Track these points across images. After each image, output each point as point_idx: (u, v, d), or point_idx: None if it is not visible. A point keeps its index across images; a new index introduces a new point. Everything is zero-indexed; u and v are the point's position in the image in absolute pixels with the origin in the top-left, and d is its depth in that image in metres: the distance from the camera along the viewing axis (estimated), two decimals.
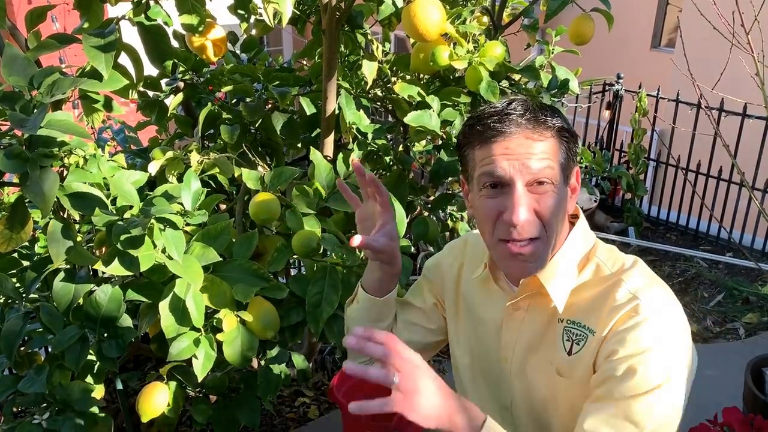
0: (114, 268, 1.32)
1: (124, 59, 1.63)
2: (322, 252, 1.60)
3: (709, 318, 3.51)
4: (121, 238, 1.28)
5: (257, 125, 2.02)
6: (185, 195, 1.45)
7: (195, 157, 1.68)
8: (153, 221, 1.33)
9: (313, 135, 2.07)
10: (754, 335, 3.34)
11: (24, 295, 1.52)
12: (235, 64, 2.20)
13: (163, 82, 2.01)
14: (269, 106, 2.02)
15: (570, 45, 1.94)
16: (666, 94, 4.37)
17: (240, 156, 1.86)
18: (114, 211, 1.40)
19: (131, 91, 1.67)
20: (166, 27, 1.67)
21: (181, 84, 2.01)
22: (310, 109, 2.01)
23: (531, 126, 0.92)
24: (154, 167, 1.67)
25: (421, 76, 2.06)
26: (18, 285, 1.57)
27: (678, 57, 2.56)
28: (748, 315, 3.51)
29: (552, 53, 2.07)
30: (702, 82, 2.22)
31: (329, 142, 1.90)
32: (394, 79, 2.13)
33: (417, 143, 2.22)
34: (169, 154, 1.69)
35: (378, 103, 2.20)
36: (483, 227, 0.98)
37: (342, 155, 1.70)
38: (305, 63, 2.47)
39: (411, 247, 1.92)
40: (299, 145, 2.13)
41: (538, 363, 1.01)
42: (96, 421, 1.53)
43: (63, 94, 1.29)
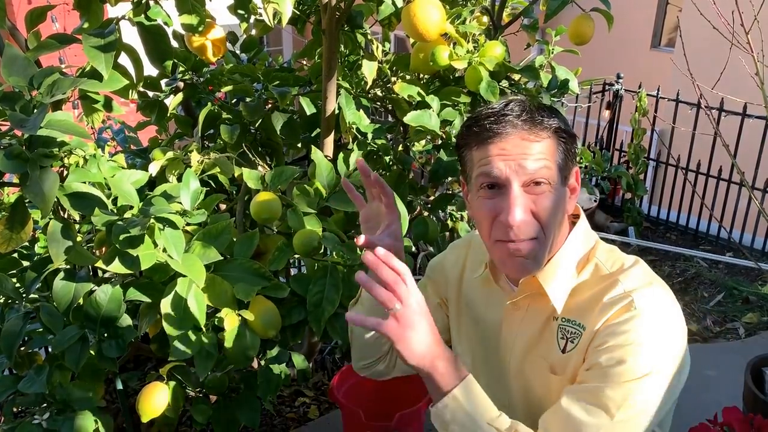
0: (115, 267, 1.33)
1: (124, 59, 1.63)
2: (323, 251, 1.60)
3: (709, 318, 3.51)
4: (121, 237, 1.28)
5: (257, 125, 2.02)
6: (184, 195, 1.45)
7: (195, 157, 1.68)
8: (153, 221, 1.33)
9: (313, 135, 2.07)
10: (754, 335, 3.34)
11: (24, 295, 1.52)
12: (235, 64, 2.20)
13: (163, 82, 2.01)
14: (269, 106, 2.02)
15: (570, 45, 1.94)
16: (666, 93, 4.37)
17: (240, 156, 1.86)
18: (114, 211, 1.40)
19: (131, 91, 1.67)
20: (165, 27, 1.67)
21: (181, 84, 2.01)
22: (310, 109, 2.01)
23: (527, 127, 0.92)
24: (154, 167, 1.67)
25: (421, 76, 2.06)
26: (18, 285, 1.57)
27: (678, 57, 2.56)
28: (748, 315, 3.51)
29: (552, 53, 2.07)
30: (702, 81, 2.22)
31: (329, 142, 1.90)
32: (393, 79, 2.13)
33: (417, 143, 2.22)
34: (170, 154, 1.69)
35: (378, 103, 2.20)
36: (481, 228, 0.99)
37: (342, 155, 1.70)
38: (305, 63, 2.47)
39: (412, 246, 1.92)
40: (299, 145, 2.13)
41: (535, 362, 1.02)
42: (96, 422, 1.53)
43: (63, 94, 1.30)
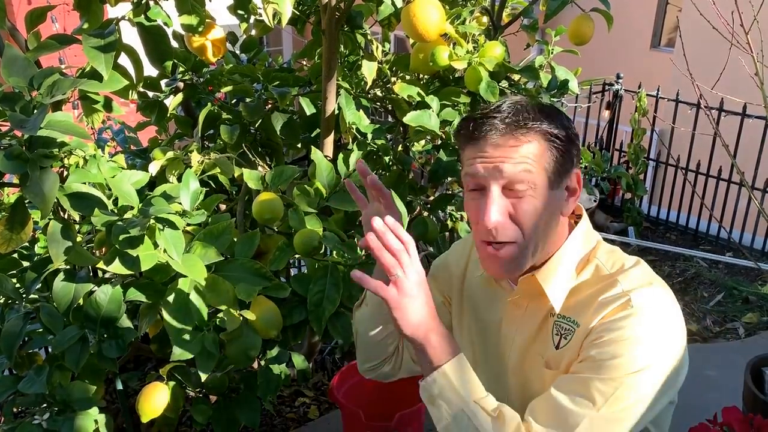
0: (116, 267, 1.32)
1: (123, 60, 1.63)
2: (323, 251, 1.61)
3: (709, 318, 3.51)
4: (121, 238, 1.28)
5: (257, 125, 2.02)
6: (184, 195, 1.44)
7: (195, 158, 1.68)
8: (153, 221, 1.33)
9: (313, 135, 2.07)
10: (753, 335, 3.34)
11: (24, 296, 1.52)
12: (235, 64, 2.20)
13: (163, 82, 2.01)
14: (269, 106, 2.02)
15: (569, 45, 1.94)
16: (666, 93, 4.37)
17: (240, 156, 1.86)
18: (114, 212, 1.40)
19: (131, 92, 1.67)
20: (165, 27, 1.67)
21: (181, 84, 2.01)
22: (309, 110, 2.01)
23: (509, 130, 0.92)
24: (154, 168, 1.67)
25: (421, 76, 2.06)
26: (18, 285, 1.57)
27: (677, 57, 2.56)
28: (747, 315, 3.51)
29: (551, 53, 2.07)
30: (701, 81, 2.22)
31: (329, 142, 1.90)
32: (393, 80, 2.13)
33: (416, 143, 2.22)
34: (170, 154, 1.69)
35: (378, 104, 2.20)
36: (471, 227, 1.02)
37: (342, 155, 1.70)
38: (305, 63, 2.47)
39: None
40: (299, 145, 2.13)
41: (533, 359, 1.03)
42: (96, 422, 1.53)
43: (63, 94, 1.30)
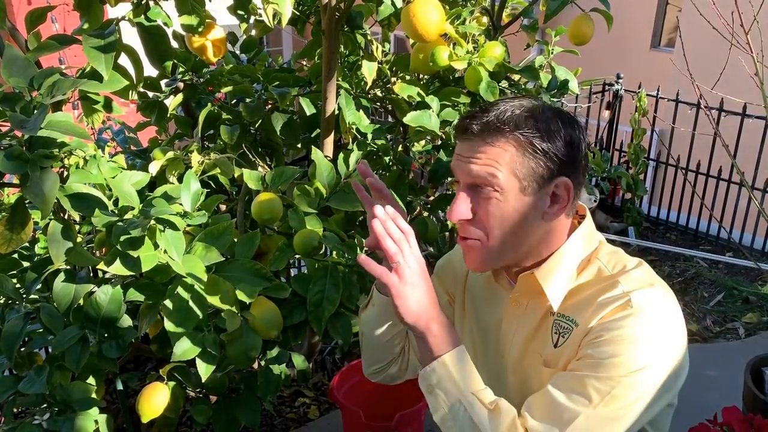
0: (116, 268, 1.32)
1: (124, 60, 1.63)
2: (323, 251, 1.61)
3: (709, 318, 3.51)
4: (121, 239, 1.28)
5: (257, 126, 2.02)
6: (185, 196, 1.44)
7: (195, 158, 1.68)
8: (153, 222, 1.33)
9: (313, 135, 2.07)
10: (754, 335, 3.34)
11: (24, 296, 1.52)
12: (235, 64, 2.20)
13: (163, 82, 2.01)
14: (269, 106, 2.02)
15: (569, 45, 1.94)
16: (666, 93, 4.37)
17: (240, 156, 1.87)
18: (115, 212, 1.40)
19: (131, 92, 1.67)
20: (165, 28, 1.67)
21: (181, 84, 2.01)
22: (309, 110, 2.01)
23: (482, 132, 0.94)
24: (154, 168, 1.67)
25: (421, 76, 2.06)
26: (18, 286, 1.57)
27: (677, 57, 2.56)
28: (747, 315, 3.51)
29: (551, 53, 2.07)
30: (701, 81, 2.22)
31: (329, 142, 1.90)
32: (393, 80, 2.13)
33: (416, 143, 2.22)
34: (170, 154, 1.69)
35: (378, 104, 2.20)
36: None
37: (342, 155, 1.70)
38: (305, 63, 2.47)
39: None
40: (299, 146, 2.13)
41: (532, 357, 1.03)
42: (96, 422, 1.53)
43: (63, 95, 1.29)
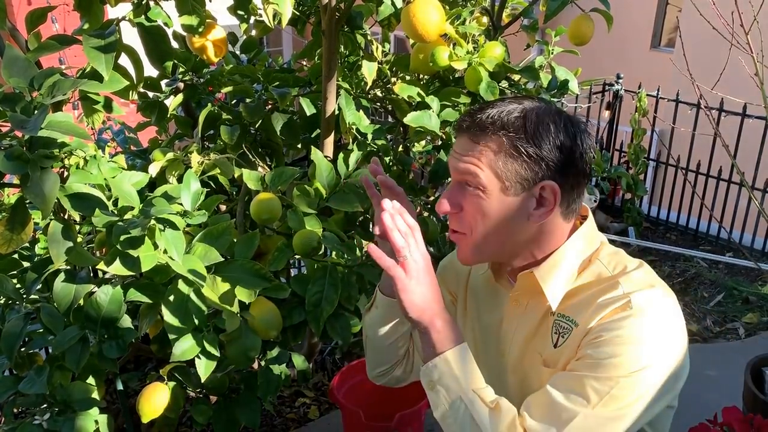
0: (116, 268, 1.32)
1: (124, 60, 1.63)
2: (322, 251, 1.61)
3: (709, 318, 3.51)
4: (121, 238, 1.28)
5: (257, 126, 2.02)
6: (185, 195, 1.44)
7: (195, 158, 1.69)
8: (153, 222, 1.33)
9: (313, 135, 2.07)
10: (754, 335, 3.34)
11: (24, 296, 1.52)
12: (235, 64, 2.20)
13: (163, 82, 2.01)
14: (269, 106, 2.02)
15: (569, 45, 1.94)
16: (666, 94, 4.37)
17: (240, 156, 1.87)
18: (115, 212, 1.40)
19: (131, 92, 1.67)
20: (166, 28, 1.67)
21: (181, 85, 2.01)
22: (309, 110, 2.01)
23: (470, 131, 0.97)
24: (154, 168, 1.67)
25: (421, 76, 2.06)
26: (18, 286, 1.57)
27: (677, 57, 2.57)
28: (748, 315, 3.51)
29: (552, 53, 2.07)
30: (701, 82, 2.22)
31: (329, 142, 1.90)
32: (393, 80, 2.13)
33: (417, 144, 2.22)
34: (170, 155, 1.69)
35: (378, 104, 2.20)
36: None
37: (342, 155, 1.70)
38: (305, 64, 2.47)
39: None
40: (299, 146, 2.13)
41: (532, 356, 1.03)
42: (96, 422, 1.53)
43: (63, 95, 1.30)
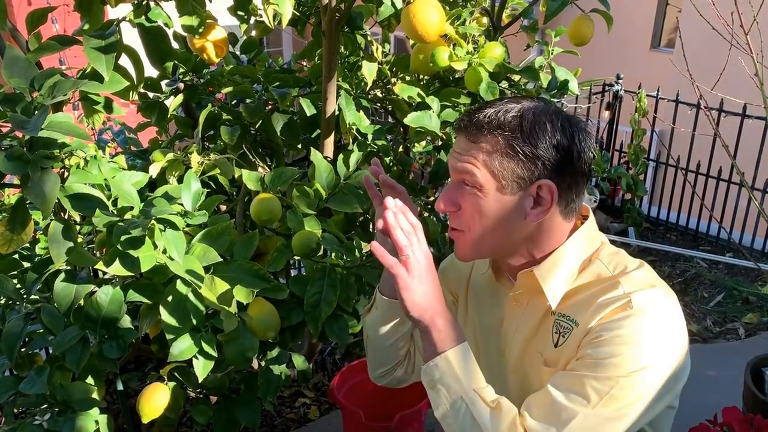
0: (115, 268, 1.33)
1: (124, 60, 1.63)
2: (321, 252, 1.61)
3: (709, 318, 3.51)
4: (122, 238, 1.28)
5: (257, 126, 2.02)
6: (185, 196, 1.45)
7: (195, 158, 1.69)
8: (153, 222, 1.33)
9: (313, 136, 2.07)
10: (754, 335, 3.34)
11: (25, 296, 1.52)
12: (235, 65, 2.21)
13: (164, 83, 2.01)
14: (269, 107, 2.02)
15: (569, 46, 1.94)
16: (665, 94, 4.37)
17: (240, 157, 1.87)
18: (115, 212, 1.40)
19: (132, 93, 1.67)
20: (166, 28, 1.67)
21: (182, 85, 2.01)
22: (310, 110, 2.01)
23: (468, 130, 0.98)
24: (154, 169, 1.67)
25: (421, 77, 2.06)
26: (19, 286, 1.57)
27: (677, 57, 2.57)
28: (748, 315, 3.51)
29: (551, 54, 2.07)
30: (701, 82, 2.22)
31: (329, 143, 1.90)
32: (393, 80, 2.13)
33: (417, 144, 2.22)
34: (170, 155, 1.70)
35: (378, 104, 2.21)
36: None
37: (342, 156, 1.70)
38: (305, 64, 2.47)
39: None
40: (299, 146, 2.13)
41: (532, 356, 1.03)
42: (97, 422, 1.53)
43: (64, 95, 1.30)
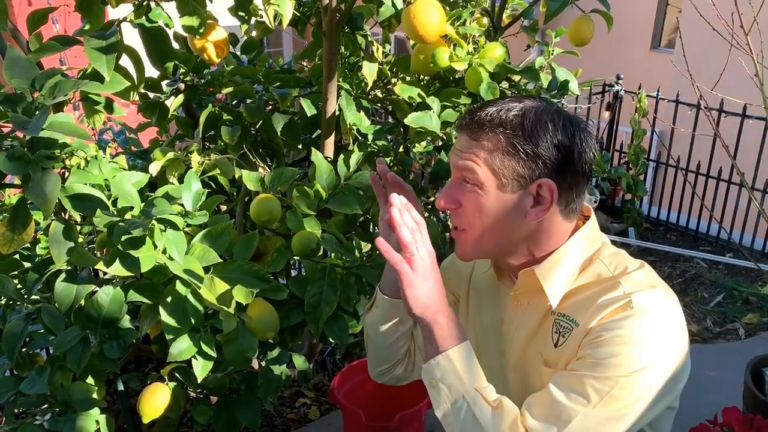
0: (115, 268, 1.33)
1: (125, 61, 1.63)
2: (321, 253, 1.61)
3: (709, 318, 3.51)
4: (122, 239, 1.28)
5: (258, 126, 2.02)
6: (186, 196, 1.45)
7: (196, 159, 1.69)
8: (154, 222, 1.33)
9: (314, 136, 2.08)
10: (754, 335, 3.35)
11: (25, 297, 1.52)
12: (236, 65, 2.21)
13: (164, 83, 2.01)
14: (270, 107, 2.02)
15: (570, 46, 1.94)
16: (666, 94, 4.37)
17: (241, 157, 1.87)
18: (115, 212, 1.40)
19: (132, 93, 1.67)
20: (167, 29, 1.67)
21: (182, 85, 2.01)
22: (310, 111, 2.01)
23: (469, 128, 0.99)
24: (154, 168, 1.68)
25: (421, 77, 2.06)
26: (19, 286, 1.57)
27: (677, 58, 2.57)
28: (748, 315, 3.51)
29: (552, 54, 2.07)
30: (701, 82, 2.22)
31: (330, 143, 1.90)
32: (394, 81, 2.13)
33: (417, 144, 2.22)
34: (170, 154, 1.70)
35: (378, 105, 2.21)
36: None
37: (342, 156, 1.70)
38: (305, 64, 2.47)
39: None
40: (300, 147, 2.13)
41: (532, 355, 1.03)
42: (97, 422, 1.53)
43: (65, 96, 1.30)
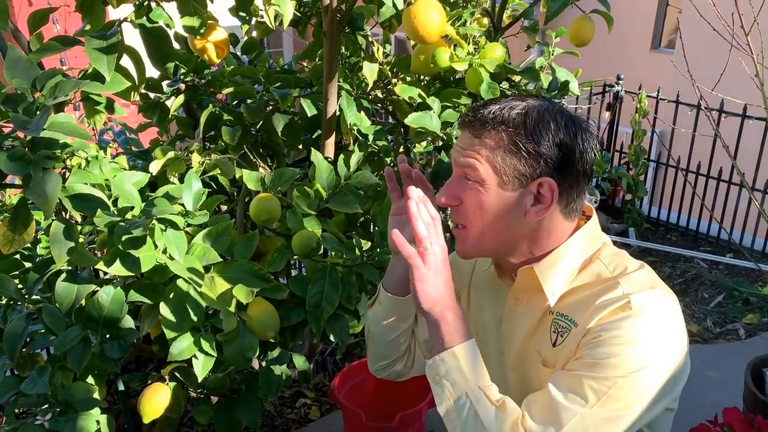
0: (116, 268, 1.33)
1: (125, 61, 1.64)
2: (322, 252, 1.61)
3: (710, 319, 3.51)
4: (123, 238, 1.29)
5: (258, 127, 2.03)
6: (186, 195, 1.45)
7: (196, 159, 1.69)
8: (154, 222, 1.34)
9: (314, 136, 2.08)
10: (754, 336, 3.35)
11: (26, 297, 1.53)
12: (236, 66, 2.21)
13: (165, 83, 2.02)
14: (270, 107, 2.03)
15: (570, 46, 1.94)
16: (666, 95, 4.37)
17: (241, 157, 1.87)
18: (115, 212, 1.40)
19: (133, 93, 1.67)
20: (167, 29, 1.67)
21: (183, 86, 2.02)
22: (311, 111, 2.02)
23: (472, 125, 0.99)
24: (155, 168, 1.68)
25: (422, 77, 2.07)
26: (20, 286, 1.57)
27: (678, 58, 2.57)
28: (748, 315, 3.51)
29: (552, 55, 2.07)
30: (702, 83, 2.22)
31: (330, 143, 1.91)
32: (394, 81, 2.13)
33: (418, 144, 2.23)
34: (171, 154, 1.70)
35: (379, 105, 2.21)
36: None
37: (343, 156, 1.70)
38: (306, 65, 2.47)
39: None
40: (300, 147, 2.14)
41: (531, 355, 1.03)
42: (98, 422, 1.53)
43: (66, 96, 1.30)
